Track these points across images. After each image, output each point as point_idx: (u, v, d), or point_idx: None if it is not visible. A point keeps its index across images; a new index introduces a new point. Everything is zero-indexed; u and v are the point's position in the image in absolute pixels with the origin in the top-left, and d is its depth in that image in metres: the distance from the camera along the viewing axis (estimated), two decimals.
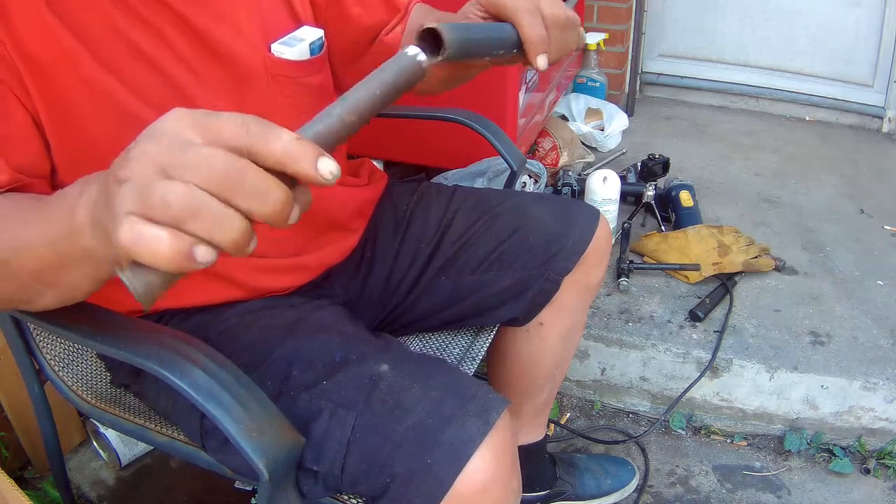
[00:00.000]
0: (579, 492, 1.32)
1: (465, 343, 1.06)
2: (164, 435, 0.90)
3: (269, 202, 0.40)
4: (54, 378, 0.96)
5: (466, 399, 0.71)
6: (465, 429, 0.68)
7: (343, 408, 0.72)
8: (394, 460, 0.69)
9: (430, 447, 0.68)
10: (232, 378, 0.67)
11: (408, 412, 0.70)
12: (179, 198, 0.38)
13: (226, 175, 0.39)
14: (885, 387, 1.41)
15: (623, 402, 1.60)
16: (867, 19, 2.36)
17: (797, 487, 1.41)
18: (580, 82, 2.48)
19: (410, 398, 0.71)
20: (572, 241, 0.99)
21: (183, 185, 0.38)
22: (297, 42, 0.81)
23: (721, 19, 2.55)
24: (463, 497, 0.67)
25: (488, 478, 0.68)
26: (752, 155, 2.29)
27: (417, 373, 0.75)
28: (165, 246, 0.38)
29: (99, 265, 0.52)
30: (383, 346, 0.81)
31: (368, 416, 0.71)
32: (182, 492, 1.37)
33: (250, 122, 0.41)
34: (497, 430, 0.69)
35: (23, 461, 1.38)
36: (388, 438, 0.69)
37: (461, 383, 0.74)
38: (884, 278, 1.69)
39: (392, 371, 0.74)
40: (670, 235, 1.73)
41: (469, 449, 0.67)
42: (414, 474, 0.68)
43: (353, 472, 0.71)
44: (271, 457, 0.65)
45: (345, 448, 0.71)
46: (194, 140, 0.40)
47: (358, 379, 0.74)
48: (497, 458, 0.69)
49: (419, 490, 0.67)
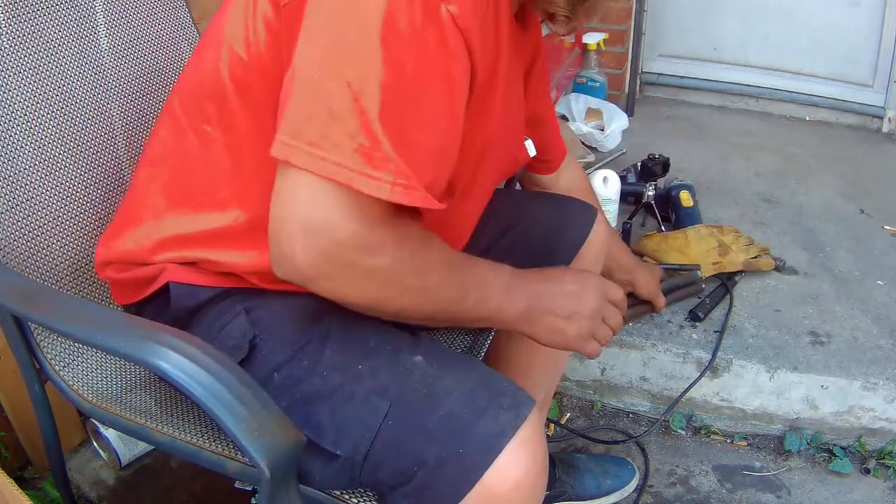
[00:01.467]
0: (579, 492, 1.32)
1: (465, 343, 1.06)
2: (164, 435, 0.90)
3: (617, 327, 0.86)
4: (55, 377, 0.96)
5: (498, 393, 0.71)
6: (497, 421, 0.68)
7: (377, 394, 0.72)
8: (424, 449, 0.68)
9: (464, 438, 0.67)
10: (233, 377, 0.67)
11: (441, 402, 0.70)
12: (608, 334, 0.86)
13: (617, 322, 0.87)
14: (885, 387, 1.41)
15: (623, 402, 1.60)
16: (867, 19, 2.36)
17: (797, 487, 1.41)
18: (580, 82, 2.48)
19: (444, 389, 0.71)
20: (569, 237, 1.00)
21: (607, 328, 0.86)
22: (529, 141, 1.01)
23: (721, 19, 2.55)
24: (492, 491, 0.67)
25: (521, 474, 0.67)
26: (752, 155, 2.29)
27: (450, 365, 0.75)
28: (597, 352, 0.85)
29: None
30: (415, 338, 0.80)
31: (401, 405, 0.71)
32: (182, 492, 1.37)
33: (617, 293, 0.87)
34: (529, 426, 0.69)
35: (23, 461, 1.38)
36: (421, 427, 0.69)
37: (493, 378, 0.74)
38: (884, 278, 1.69)
39: (425, 362, 0.74)
40: (670, 235, 1.73)
41: (502, 441, 0.67)
42: (444, 463, 0.67)
43: (377, 458, 0.70)
44: (272, 456, 0.65)
45: (374, 434, 0.70)
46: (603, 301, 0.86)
47: (392, 366, 0.74)
48: (529, 453, 0.68)
49: (447, 479, 0.67)
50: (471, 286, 0.74)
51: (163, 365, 0.68)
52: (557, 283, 0.82)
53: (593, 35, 2.43)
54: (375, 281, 0.66)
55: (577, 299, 0.82)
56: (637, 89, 2.67)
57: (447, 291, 0.72)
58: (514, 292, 0.78)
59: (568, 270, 0.88)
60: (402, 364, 0.74)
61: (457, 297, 0.73)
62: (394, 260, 0.66)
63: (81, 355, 0.99)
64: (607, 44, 2.46)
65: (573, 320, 0.81)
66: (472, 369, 0.75)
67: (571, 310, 0.81)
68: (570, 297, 0.82)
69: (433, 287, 0.71)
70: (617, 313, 0.86)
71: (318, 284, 0.65)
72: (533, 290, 0.80)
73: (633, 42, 2.50)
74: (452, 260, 0.74)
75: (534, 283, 0.80)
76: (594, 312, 0.83)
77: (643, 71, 2.68)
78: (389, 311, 0.70)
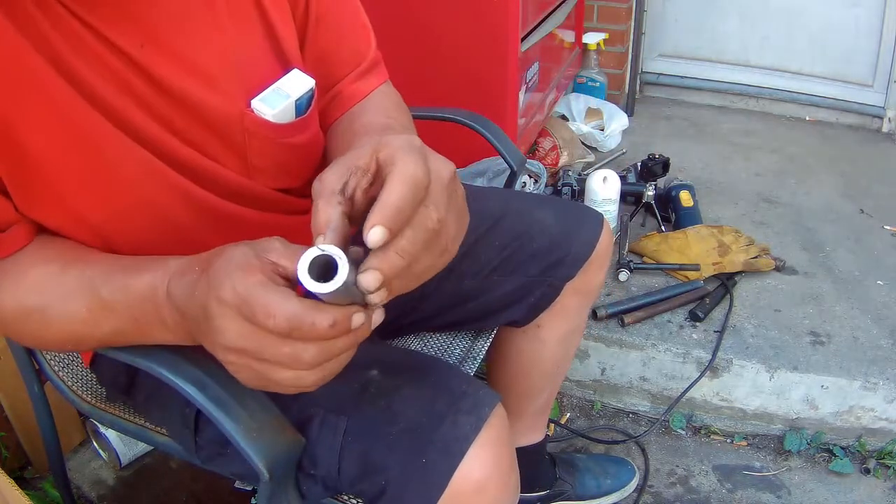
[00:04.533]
0: (579, 492, 1.32)
1: (464, 345, 1.06)
2: (164, 435, 0.90)
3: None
4: (54, 378, 0.96)
5: (457, 396, 0.70)
6: (457, 426, 0.68)
7: (333, 413, 0.71)
8: (388, 462, 0.68)
9: (424, 446, 0.67)
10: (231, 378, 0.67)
11: (399, 414, 0.69)
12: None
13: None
14: (885, 387, 1.41)
15: (623, 402, 1.60)
16: (867, 19, 2.36)
17: (797, 487, 1.41)
18: (580, 82, 2.48)
19: (401, 399, 0.71)
20: (576, 248, 0.98)
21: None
22: (282, 99, 0.69)
23: (721, 19, 2.55)
24: (460, 495, 0.66)
25: (485, 475, 0.67)
26: (752, 155, 2.29)
27: (408, 374, 0.74)
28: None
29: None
30: (373, 350, 0.80)
31: (359, 420, 0.70)
32: (182, 492, 1.37)
33: (279, 316, 0.47)
34: (490, 426, 0.69)
35: (23, 461, 1.38)
36: (381, 441, 0.69)
37: (452, 381, 0.73)
38: (884, 278, 1.69)
39: (381, 375, 0.73)
40: (670, 236, 1.73)
41: (463, 446, 0.67)
42: (409, 475, 0.67)
43: (350, 475, 0.71)
44: (271, 457, 0.65)
45: (338, 453, 0.70)
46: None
47: (348, 384, 0.73)
48: (493, 454, 0.68)
49: (416, 490, 0.67)
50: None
51: (160, 367, 0.68)
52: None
53: (593, 35, 2.43)
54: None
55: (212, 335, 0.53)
56: (637, 89, 2.67)
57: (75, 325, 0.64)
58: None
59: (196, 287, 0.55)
60: (358, 380, 0.73)
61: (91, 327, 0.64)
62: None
63: (80, 356, 0.99)
64: (607, 44, 2.46)
65: (230, 365, 0.54)
66: (431, 374, 0.74)
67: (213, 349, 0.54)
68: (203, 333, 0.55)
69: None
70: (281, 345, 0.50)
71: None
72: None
73: (633, 42, 2.50)
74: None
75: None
76: (240, 353, 0.51)
77: (643, 71, 2.68)
78: (82, 348, 0.69)
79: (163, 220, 0.70)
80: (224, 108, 0.69)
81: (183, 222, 0.71)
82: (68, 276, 0.64)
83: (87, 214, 0.66)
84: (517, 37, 1.63)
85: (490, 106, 1.64)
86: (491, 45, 1.63)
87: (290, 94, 0.69)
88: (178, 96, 0.67)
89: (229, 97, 0.69)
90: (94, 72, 0.62)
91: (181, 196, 0.70)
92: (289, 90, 0.69)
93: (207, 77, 0.68)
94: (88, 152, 0.64)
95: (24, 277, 0.64)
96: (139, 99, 0.65)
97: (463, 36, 1.64)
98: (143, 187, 0.67)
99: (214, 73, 0.68)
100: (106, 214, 0.67)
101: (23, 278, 0.64)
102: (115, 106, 0.64)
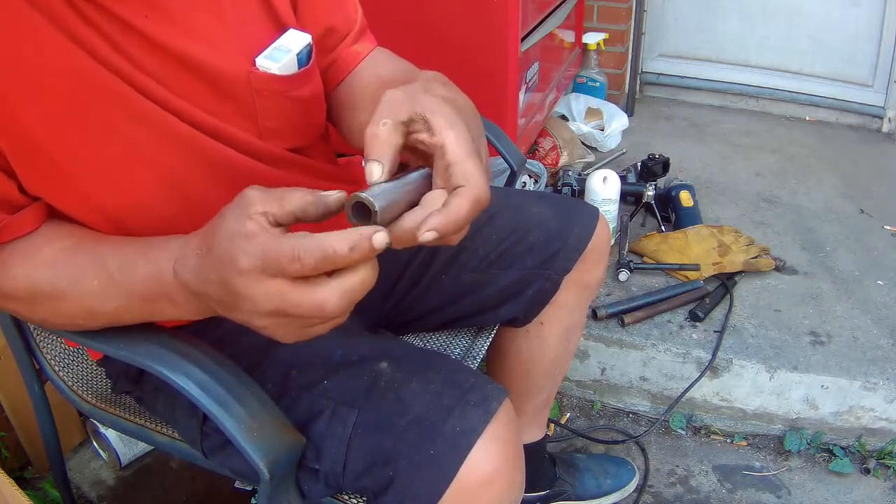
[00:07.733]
0: (579, 492, 1.32)
1: (465, 343, 1.06)
2: (164, 435, 0.90)
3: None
4: (54, 378, 0.96)
5: (465, 390, 0.71)
6: (466, 419, 0.68)
7: (344, 405, 0.72)
8: (396, 454, 0.68)
9: (433, 438, 0.68)
10: (233, 378, 0.67)
11: (408, 406, 0.70)
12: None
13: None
14: (885, 387, 1.41)
15: (623, 402, 1.60)
16: (867, 19, 2.36)
17: (797, 487, 1.41)
18: (580, 82, 2.48)
19: (410, 392, 0.71)
20: (572, 241, 0.99)
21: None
22: (284, 53, 0.73)
23: (721, 19, 2.55)
24: (468, 488, 0.67)
25: (493, 469, 0.68)
26: (752, 155, 2.29)
27: (417, 367, 0.75)
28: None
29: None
30: (382, 343, 0.81)
31: (369, 413, 0.71)
32: (182, 492, 1.37)
33: (304, 257, 0.49)
34: (498, 421, 0.69)
35: (23, 461, 1.38)
36: (390, 433, 0.69)
37: (460, 375, 0.74)
38: (884, 278, 1.69)
39: (391, 367, 0.74)
40: (670, 236, 1.73)
41: (471, 438, 0.67)
42: (417, 466, 0.67)
43: (355, 469, 0.71)
44: (272, 456, 0.65)
45: (346, 445, 0.71)
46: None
47: (358, 377, 0.74)
48: (501, 448, 0.69)
49: (423, 482, 0.67)
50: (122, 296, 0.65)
51: (161, 367, 0.68)
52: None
53: (593, 35, 2.43)
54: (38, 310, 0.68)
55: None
56: (637, 89, 2.67)
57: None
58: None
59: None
60: (368, 373, 0.74)
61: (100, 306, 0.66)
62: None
63: (81, 356, 0.99)
64: (607, 44, 2.46)
65: (267, 329, 0.56)
66: (440, 368, 0.75)
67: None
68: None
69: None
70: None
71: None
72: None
73: (633, 42, 2.50)
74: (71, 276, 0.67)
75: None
76: (272, 314, 0.53)
77: (643, 71, 2.68)
78: (94, 324, 0.70)
79: (179, 189, 0.71)
80: (231, 70, 0.72)
81: (199, 188, 0.72)
82: (81, 251, 0.66)
83: (100, 200, 0.69)
84: (517, 37, 1.63)
85: (490, 106, 1.64)
86: (491, 45, 1.63)
87: (290, 49, 0.74)
88: (186, 62, 0.69)
89: (234, 60, 0.72)
90: (105, 42, 0.65)
91: (201, 157, 0.71)
92: (289, 45, 0.74)
93: (211, 42, 0.71)
94: (101, 119, 0.66)
95: (37, 253, 0.67)
96: (148, 71, 0.68)
97: (463, 36, 1.64)
98: (162, 154, 0.69)
99: (218, 39, 0.71)
100: (119, 198, 0.69)
101: (36, 254, 0.67)
102: (130, 76, 0.66)
